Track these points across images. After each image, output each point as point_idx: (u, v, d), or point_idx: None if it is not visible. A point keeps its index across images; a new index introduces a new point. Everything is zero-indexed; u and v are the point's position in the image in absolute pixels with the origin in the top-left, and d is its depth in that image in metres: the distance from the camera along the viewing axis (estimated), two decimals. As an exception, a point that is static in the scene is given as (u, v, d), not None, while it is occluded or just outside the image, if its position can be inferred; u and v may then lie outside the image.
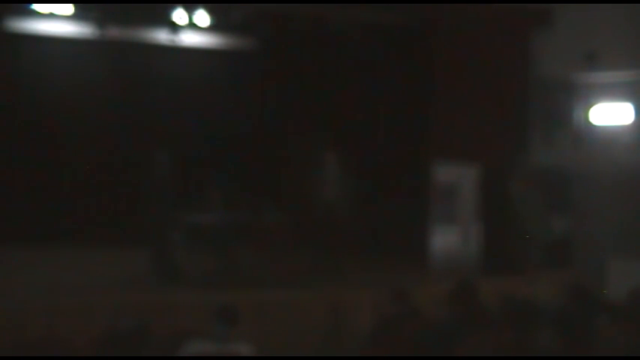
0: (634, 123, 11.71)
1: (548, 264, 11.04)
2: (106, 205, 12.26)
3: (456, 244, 10.75)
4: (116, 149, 12.65)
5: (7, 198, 12.05)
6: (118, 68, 12.88)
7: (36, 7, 11.40)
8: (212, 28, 12.23)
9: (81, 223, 12.05)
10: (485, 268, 10.52)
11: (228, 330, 5.77)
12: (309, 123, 12.93)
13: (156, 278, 9.62)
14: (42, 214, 12.13)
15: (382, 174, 12.64)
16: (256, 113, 13.21)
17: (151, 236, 9.92)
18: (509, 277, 10.10)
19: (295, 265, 10.15)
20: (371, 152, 12.89)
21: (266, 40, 12.96)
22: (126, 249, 10.56)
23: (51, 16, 11.66)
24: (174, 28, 11.76)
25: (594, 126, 11.89)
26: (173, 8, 11.45)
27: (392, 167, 12.59)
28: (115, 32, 12.20)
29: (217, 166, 12.16)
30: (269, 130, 13.23)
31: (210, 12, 11.56)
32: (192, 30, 12.22)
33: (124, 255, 10.54)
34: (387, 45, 12.42)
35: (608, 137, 11.82)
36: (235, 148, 13.00)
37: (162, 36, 12.29)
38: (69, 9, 11.43)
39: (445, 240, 10.71)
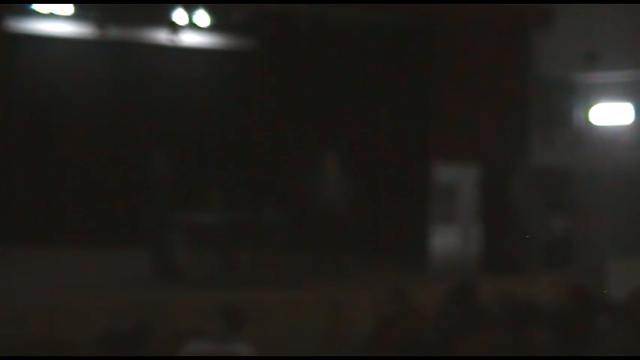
0: (634, 123, 11.71)
1: (548, 264, 11.04)
2: (106, 205, 12.26)
3: (456, 244, 10.75)
4: (116, 149, 12.65)
5: (7, 198, 12.04)
6: (118, 68, 12.88)
7: (36, 7, 11.40)
8: (212, 28, 12.24)
9: (81, 223, 12.06)
10: (485, 268, 10.52)
11: (231, 332, 5.77)
12: (309, 123, 12.93)
13: (156, 278, 9.62)
14: (42, 214, 12.13)
15: (382, 174, 12.64)
16: (256, 113, 13.20)
17: (151, 236, 9.93)
18: (509, 277, 10.09)
19: (295, 265, 10.15)
20: (371, 152, 12.89)
21: (266, 40, 12.96)
22: (126, 249, 10.56)
23: (51, 16, 11.66)
24: (174, 28, 11.76)
25: (594, 126, 11.89)
26: (173, 8, 11.46)
27: (392, 167, 12.59)
28: (115, 32, 12.20)
29: (217, 166, 12.17)
30: (269, 129, 13.23)
31: (210, 12, 11.56)
32: (192, 30, 12.22)
33: (123, 255, 10.53)
34: (387, 45, 12.42)
35: (608, 137, 11.82)
36: (235, 148, 13.01)
37: (162, 36, 12.29)
38: (69, 9, 11.44)
39: (445, 240, 10.71)
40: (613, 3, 11.33)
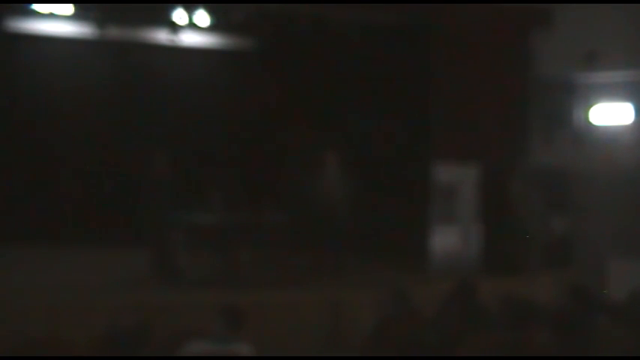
0: (634, 123, 11.71)
1: (548, 264, 11.04)
2: (106, 205, 12.26)
3: (456, 244, 10.75)
4: (116, 149, 12.65)
5: (7, 198, 12.04)
6: (118, 68, 12.88)
7: (36, 7, 11.40)
8: (212, 28, 12.24)
9: (81, 223, 12.06)
10: (486, 268, 10.52)
11: (231, 332, 5.77)
12: (309, 123, 12.92)
13: (156, 278, 9.62)
14: (42, 214, 12.13)
15: (382, 174, 12.63)
16: (256, 113, 13.20)
17: (151, 236, 9.93)
18: (509, 277, 10.10)
19: (295, 265, 10.15)
20: (371, 152, 12.88)
21: (266, 40, 12.96)
22: (126, 249, 10.56)
23: (51, 16, 11.67)
24: (174, 28, 11.76)
25: (594, 126, 11.89)
26: (173, 8, 11.46)
27: (392, 167, 12.59)
28: (115, 32, 12.20)
29: (217, 166, 12.16)
30: (269, 130, 13.23)
31: (210, 12, 11.56)
32: (192, 30, 12.22)
33: (124, 255, 10.53)
34: (387, 45, 12.41)
35: (608, 137, 11.82)
36: (235, 148, 13.01)
37: (162, 36, 12.29)
38: (69, 9, 11.44)
39: (445, 240, 10.72)
40: (613, 3, 11.33)
